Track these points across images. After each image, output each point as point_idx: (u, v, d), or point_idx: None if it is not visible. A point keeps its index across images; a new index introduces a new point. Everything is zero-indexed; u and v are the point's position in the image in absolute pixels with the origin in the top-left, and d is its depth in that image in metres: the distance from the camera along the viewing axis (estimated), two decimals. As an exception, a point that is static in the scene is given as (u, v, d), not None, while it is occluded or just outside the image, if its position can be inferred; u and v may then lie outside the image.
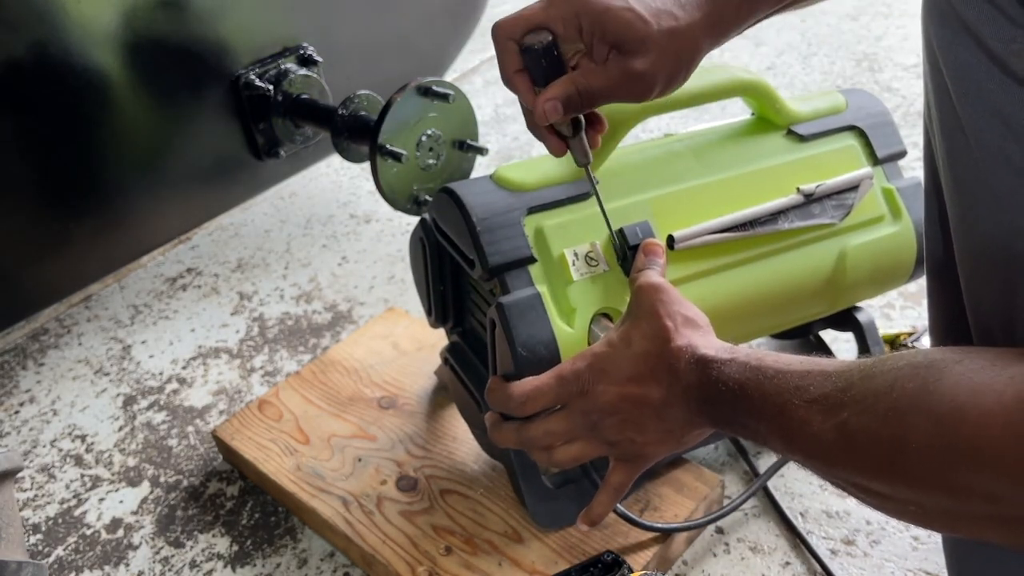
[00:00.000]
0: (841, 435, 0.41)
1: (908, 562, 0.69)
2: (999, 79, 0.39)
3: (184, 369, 0.98)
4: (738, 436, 0.53)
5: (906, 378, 0.39)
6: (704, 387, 0.51)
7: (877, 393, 0.40)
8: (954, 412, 0.36)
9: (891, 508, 0.41)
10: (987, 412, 0.35)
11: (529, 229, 0.63)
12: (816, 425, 0.42)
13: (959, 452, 0.36)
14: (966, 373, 0.37)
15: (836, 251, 0.70)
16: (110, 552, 0.76)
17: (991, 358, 0.38)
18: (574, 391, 0.56)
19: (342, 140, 0.99)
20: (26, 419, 0.93)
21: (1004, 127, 0.40)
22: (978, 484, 0.35)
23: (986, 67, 0.40)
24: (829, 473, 0.44)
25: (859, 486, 0.42)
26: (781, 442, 0.46)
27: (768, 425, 0.46)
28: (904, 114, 1.33)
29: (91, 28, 0.82)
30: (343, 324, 1.02)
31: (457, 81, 1.51)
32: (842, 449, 0.41)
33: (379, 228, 1.21)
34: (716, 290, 0.66)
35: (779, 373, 0.46)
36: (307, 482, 0.75)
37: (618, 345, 0.56)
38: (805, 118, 0.73)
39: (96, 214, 0.91)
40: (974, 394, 0.36)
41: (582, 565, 0.63)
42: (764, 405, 0.46)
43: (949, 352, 0.40)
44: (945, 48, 0.42)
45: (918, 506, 0.39)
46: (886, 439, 0.38)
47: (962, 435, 0.35)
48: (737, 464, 0.78)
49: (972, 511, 0.37)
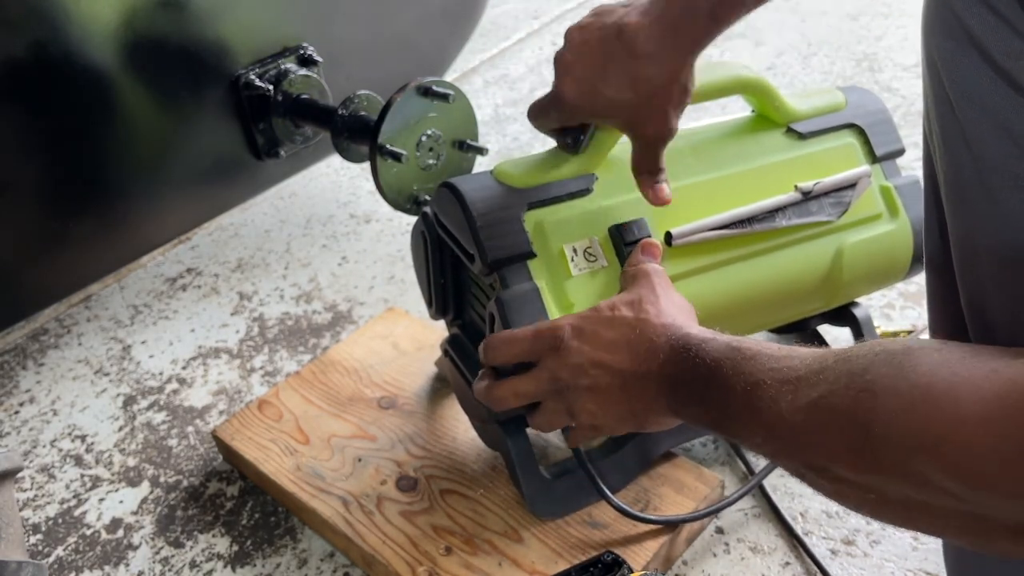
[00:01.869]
0: (809, 415, 0.40)
1: (908, 562, 0.68)
2: (1005, 93, 0.38)
3: (184, 369, 0.98)
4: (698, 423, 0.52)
5: (882, 363, 0.38)
6: (678, 365, 0.51)
7: (851, 374, 0.39)
8: (927, 400, 0.35)
9: (850, 496, 0.41)
10: (962, 405, 0.34)
11: (529, 224, 0.63)
12: (786, 403, 0.42)
13: (925, 442, 0.35)
14: (944, 363, 0.36)
15: (833, 248, 0.70)
16: (110, 552, 0.76)
17: (970, 351, 0.37)
18: (547, 346, 0.56)
19: (342, 140, 0.99)
20: (26, 419, 0.93)
21: (1012, 144, 0.39)
22: (939, 478, 0.35)
23: (992, 81, 0.39)
24: (791, 454, 0.43)
25: (820, 470, 0.41)
26: (747, 418, 0.45)
27: (735, 404, 0.46)
28: (904, 114, 1.33)
29: (91, 28, 0.82)
30: (343, 324, 1.02)
31: (457, 81, 1.51)
32: (809, 428, 0.40)
33: (379, 228, 1.21)
34: (714, 286, 0.66)
35: (758, 354, 0.46)
36: (307, 482, 0.75)
37: (602, 309, 0.56)
38: (804, 116, 0.73)
39: (96, 214, 0.91)
40: (951, 385, 0.35)
41: (582, 565, 0.63)
42: (736, 382, 0.46)
43: (927, 342, 0.39)
44: (948, 60, 0.41)
45: (878, 494, 0.38)
46: (855, 420, 0.38)
47: (932, 425, 0.35)
48: (737, 465, 0.78)
49: (931, 504, 0.36)
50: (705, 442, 0.80)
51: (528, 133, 1.41)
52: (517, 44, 1.75)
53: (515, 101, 1.52)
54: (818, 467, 0.41)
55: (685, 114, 0.60)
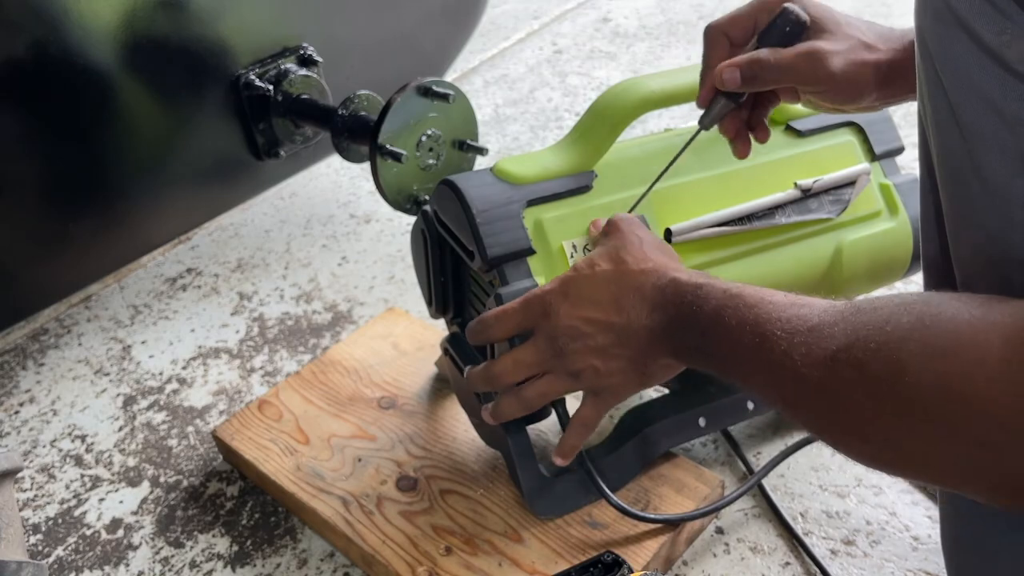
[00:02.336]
0: (831, 368, 0.40)
1: (908, 562, 0.68)
2: (991, 70, 0.39)
3: (184, 369, 0.98)
4: (703, 368, 0.51)
5: (903, 313, 0.38)
6: (673, 310, 0.50)
7: (869, 326, 0.39)
8: (956, 344, 0.35)
9: (867, 452, 0.40)
10: (991, 347, 0.34)
11: (528, 221, 0.63)
12: (800, 356, 0.41)
13: (958, 385, 0.35)
14: (964, 307, 0.37)
15: (832, 246, 0.70)
16: (110, 552, 0.76)
17: (985, 298, 0.37)
18: (538, 312, 0.56)
19: (342, 140, 0.99)
20: (26, 419, 0.93)
21: (997, 117, 0.39)
22: (968, 424, 0.35)
23: (979, 58, 0.40)
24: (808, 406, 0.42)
25: (839, 425, 0.40)
26: (757, 371, 0.44)
27: (745, 356, 0.45)
28: (904, 113, 1.33)
29: (91, 28, 0.82)
30: (343, 324, 1.02)
31: (457, 81, 1.51)
32: (831, 382, 0.40)
33: (379, 228, 1.21)
34: (714, 285, 0.66)
35: (761, 302, 0.45)
36: (307, 482, 0.75)
37: (582, 268, 0.56)
38: (803, 113, 0.73)
39: (96, 214, 0.91)
40: (975, 329, 0.35)
41: (582, 565, 0.62)
42: (742, 334, 0.45)
43: (944, 292, 0.39)
44: (938, 42, 0.42)
45: (899, 449, 0.38)
46: (883, 372, 0.37)
47: (963, 367, 0.35)
48: (737, 465, 0.78)
49: (958, 455, 0.36)
50: (705, 442, 0.80)
51: (528, 133, 1.41)
52: (517, 44, 1.75)
53: (515, 101, 1.52)
54: (836, 419, 0.40)
55: (686, 114, 0.61)
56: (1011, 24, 0.38)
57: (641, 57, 1.63)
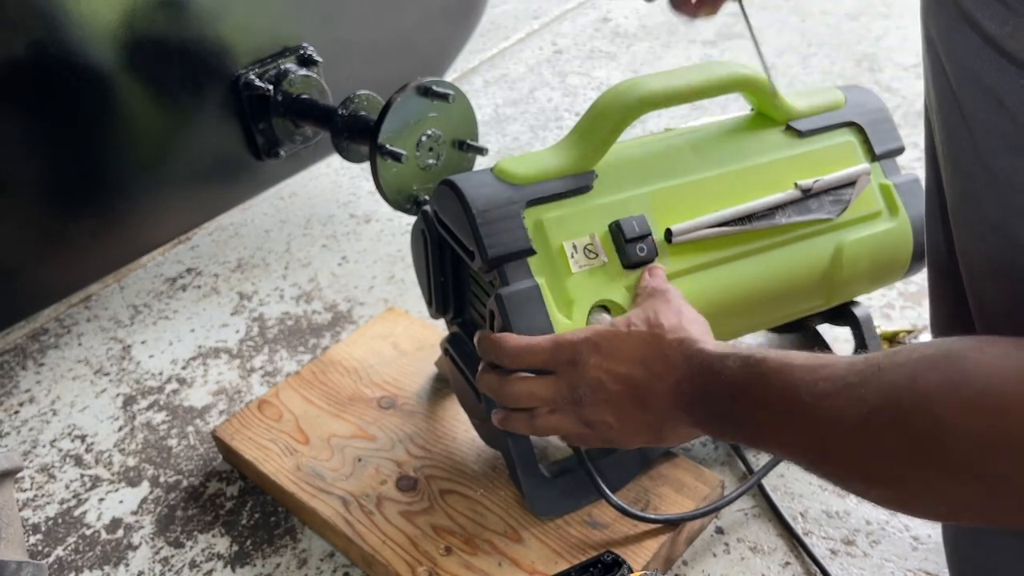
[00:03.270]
0: (868, 429, 0.40)
1: (908, 562, 0.68)
2: (994, 60, 0.40)
3: (184, 369, 0.98)
4: (725, 437, 0.52)
5: (927, 369, 0.38)
6: (699, 380, 0.51)
7: (896, 387, 0.39)
8: (988, 401, 0.36)
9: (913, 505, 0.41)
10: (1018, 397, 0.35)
11: (529, 221, 0.63)
12: (834, 423, 0.42)
13: (998, 442, 0.35)
14: (990, 361, 0.37)
15: (833, 246, 0.70)
16: (110, 552, 0.76)
17: (1009, 345, 0.37)
18: (566, 359, 0.57)
19: (342, 140, 0.99)
20: (26, 419, 0.93)
21: (1000, 107, 0.40)
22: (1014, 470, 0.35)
23: (981, 49, 0.40)
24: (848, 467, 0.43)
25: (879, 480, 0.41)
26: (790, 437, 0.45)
27: (774, 422, 0.45)
28: (904, 114, 1.33)
29: (91, 28, 0.82)
30: (343, 324, 1.02)
31: (457, 81, 1.51)
32: (870, 441, 0.40)
33: (379, 228, 1.21)
34: (713, 284, 0.66)
35: (784, 367, 0.46)
36: (307, 482, 0.75)
37: (618, 326, 0.57)
38: (804, 114, 0.73)
39: (96, 214, 0.91)
40: (1005, 381, 0.36)
41: (582, 565, 0.62)
42: (768, 401, 0.46)
43: (961, 342, 0.39)
44: (943, 34, 0.43)
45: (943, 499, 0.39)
46: (923, 428, 0.38)
47: (1002, 424, 0.35)
48: (737, 465, 0.78)
49: (1005, 501, 0.37)
50: (705, 442, 0.80)
51: (528, 133, 1.41)
52: (517, 44, 1.75)
53: (515, 101, 1.52)
54: (878, 477, 0.41)
55: (686, 113, 0.61)
56: (1014, 16, 0.39)
57: (641, 57, 1.63)
